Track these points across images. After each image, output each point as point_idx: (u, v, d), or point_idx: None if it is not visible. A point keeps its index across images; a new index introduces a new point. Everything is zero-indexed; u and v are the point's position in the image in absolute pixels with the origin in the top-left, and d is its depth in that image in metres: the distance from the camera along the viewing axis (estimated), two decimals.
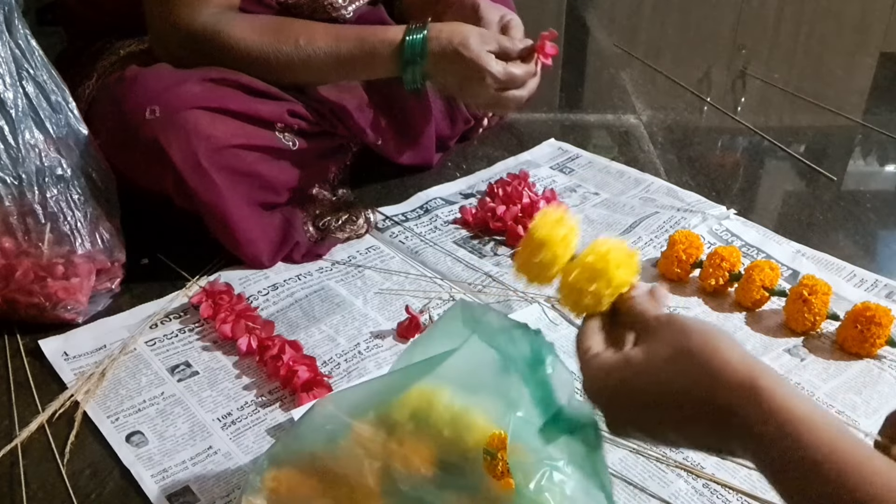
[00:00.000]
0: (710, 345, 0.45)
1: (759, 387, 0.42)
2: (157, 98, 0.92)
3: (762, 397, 0.42)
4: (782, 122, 1.63)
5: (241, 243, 0.99)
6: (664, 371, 0.46)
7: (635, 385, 0.47)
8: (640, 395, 0.47)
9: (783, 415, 0.41)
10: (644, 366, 0.47)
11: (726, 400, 0.43)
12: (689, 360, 0.45)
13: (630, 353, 0.49)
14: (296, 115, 1.02)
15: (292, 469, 0.57)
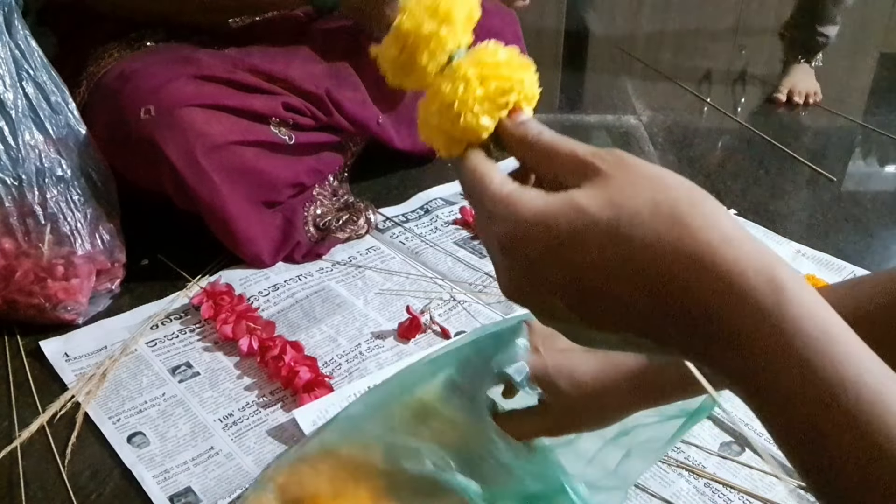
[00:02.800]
0: (700, 208, 0.33)
1: (780, 280, 0.31)
2: (151, 97, 0.92)
3: (783, 295, 0.30)
4: (782, 123, 1.63)
5: (241, 241, 0.99)
6: (639, 229, 0.32)
7: (591, 242, 0.33)
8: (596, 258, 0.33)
9: (809, 327, 0.30)
10: (603, 218, 0.33)
11: (726, 284, 0.31)
12: (676, 223, 0.32)
13: (577, 195, 0.34)
14: (290, 108, 1.01)
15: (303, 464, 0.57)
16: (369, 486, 0.54)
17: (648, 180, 0.34)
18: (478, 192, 0.37)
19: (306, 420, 0.74)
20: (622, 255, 0.32)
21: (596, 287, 0.33)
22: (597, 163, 0.35)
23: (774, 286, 0.31)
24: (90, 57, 1.05)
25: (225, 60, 1.01)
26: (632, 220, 0.32)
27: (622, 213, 0.33)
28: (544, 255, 0.34)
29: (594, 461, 0.60)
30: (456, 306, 0.95)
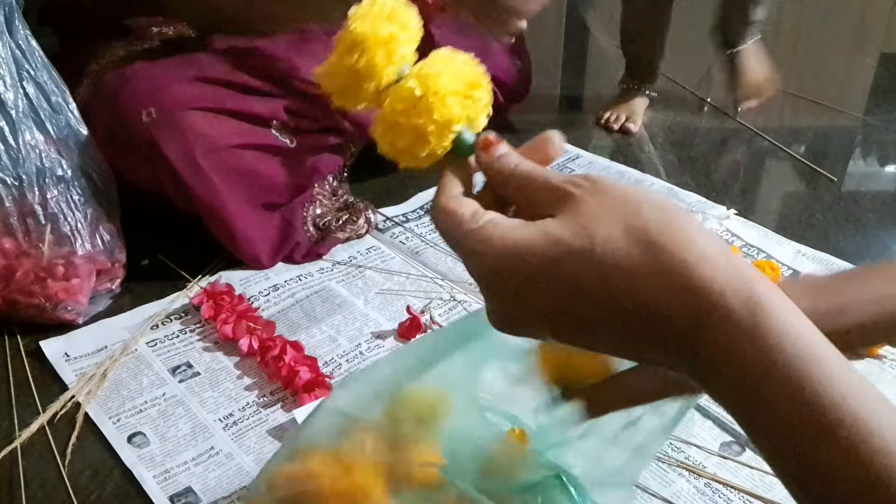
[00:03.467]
0: (674, 225, 0.32)
1: (757, 298, 0.31)
2: (152, 99, 0.92)
3: (762, 315, 0.30)
4: (782, 123, 1.64)
5: (241, 243, 0.99)
6: (610, 257, 0.32)
7: (562, 272, 0.33)
8: (569, 288, 0.33)
9: (789, 346, 0.30)
10: (576, 247, 0.33)
11: (703, 305, 0.31)
12: (648, 247, 0.32)
13: (550, 226, 0.34)
14: (291, 111, 1.01)
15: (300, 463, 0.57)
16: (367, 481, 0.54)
17: (621, 204, 0.34)
18: (451, 231, 0.37)
19: None
20: (599, 281, 0.33)
21: (577, 314, 0.34)
22: (570, 189, 0.35)
23: (752, 305, 0.31)
24: (92, 55, 1.05)
25: (226, 60, 1.01)
26: (605, 246, 0.33)
27: (595, 239, 0.33)
28: (523, 287, 0.34)
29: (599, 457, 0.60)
30: (456, 306, 0.95)
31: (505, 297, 0.36)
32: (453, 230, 0.37)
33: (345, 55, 0.41)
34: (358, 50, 0.40)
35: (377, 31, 0.40)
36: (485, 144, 0.39)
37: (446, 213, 0.37)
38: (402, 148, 0.40)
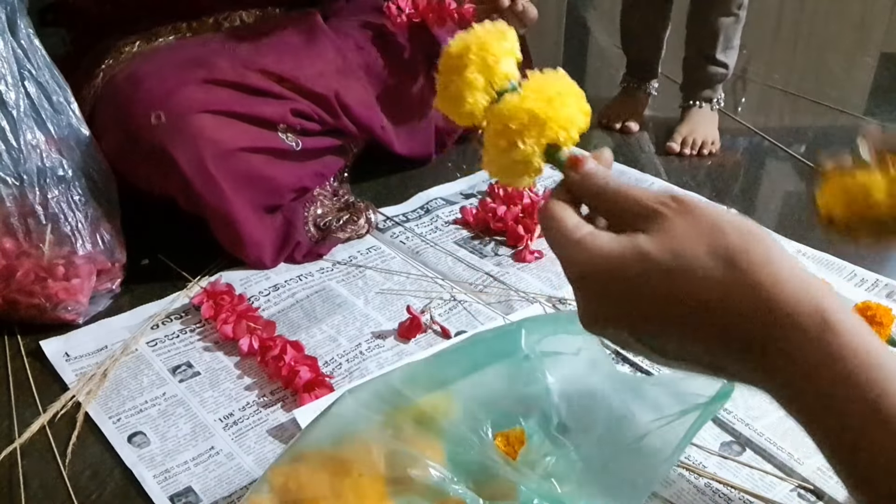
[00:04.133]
0: (755, 250, 0.36)
1: (828, 321, 0.34)
2: (162, 103, 0.92)
3: (830, 336, 0.34)
4: (782, 123, 1.64)
5: (246, 246, 0.99)
6: (696, 274, 0.37)
7: (651, 283, 0.37)
8: (655, 298, 0.38)
9: (858, 357, 0.33)
10: (665, 262, 0.37)
11: (777, 320, 0.35)
12: (729, 267, 0.36)
13: (641, 241, 0.38)
14: (298, 113, 1.02)
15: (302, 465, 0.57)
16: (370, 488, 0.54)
17: (707, 226, 0.38)
18: (554, 236, 0.42)
19: (307, 420, 0.74)
20: (682, 295, 0.37)
21: (659, 322, 0.38)
22: (661, 209, 0.39)
23: (821, 320, 0.35)
24: (105, 53, 1.06)
25: (235, 61, 1.01)
26: (691, 264, 0.37)
27: (682, 258, 0.37)
28: (613, 294, 0.39)
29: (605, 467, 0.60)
30: (456, 306, 0.95)
31: (595, 301, 0.40)
32: (556, 235, 0.41)
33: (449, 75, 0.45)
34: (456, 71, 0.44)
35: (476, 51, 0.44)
36: (572, 162, 0.44)
37: (552, 218, 0.42)
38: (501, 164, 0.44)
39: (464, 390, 0.60)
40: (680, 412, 0.61)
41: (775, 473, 0.72)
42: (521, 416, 0.63)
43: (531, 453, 0.59)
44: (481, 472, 0.55)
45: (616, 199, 0.42)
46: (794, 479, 0.71)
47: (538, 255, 1.05)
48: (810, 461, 0.73)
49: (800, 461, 0.73)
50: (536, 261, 1.04)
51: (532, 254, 1.05)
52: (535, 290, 0.98)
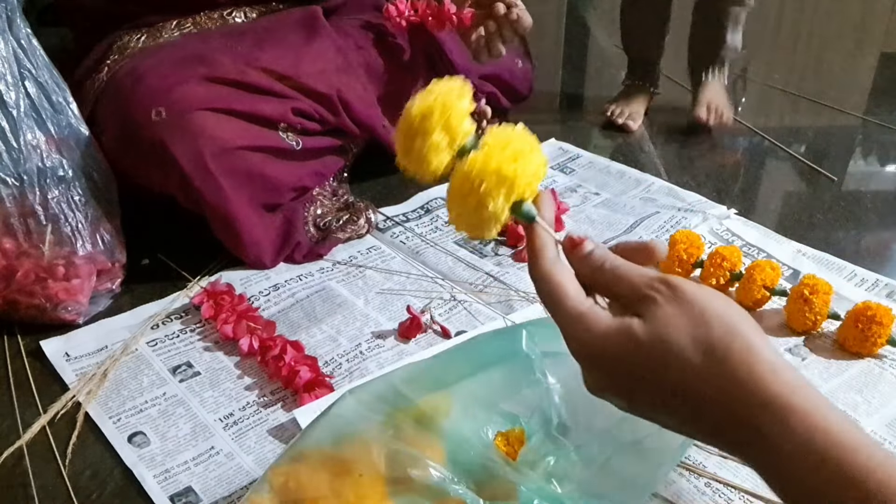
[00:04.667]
0: (736, 343, 0.40)
1: (793, 407, 0.38)
2: (163, 99, 0.92)
3: (794, 419, 0.38)
4: (783, 123, 1.64)
5: (246, 245, 0.99)
6: (677, 362, 0.40)
7: (639, 365, 0.41)
8: (643, 378, 0.42)
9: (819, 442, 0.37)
10: (652, 348, 0.41)
11: (748, 413, 0.39)
12: (708, 357, 0.40)
13: (634, 326, 0.42)
14: (299, 112, 1.02)
15: (302, 465, 0.57)
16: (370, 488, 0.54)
17: (694, 317, 0.41)
18: (555, 302, 0.45)
19: (307, 420, 0.74)
20: (665, 380, 0.41)
21: (648, 400, 0.42)
22: (653, 295, 0.42)
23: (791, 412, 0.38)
24: (110, 48, 1.06)
25: (237, 59, 1.01)
26: (675, 353, 0.40)
27: (667, 344, 0.41)
28: (608, 370, 0.43)
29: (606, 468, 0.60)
30: (456, 306, 0.95)
31: (594, 372, 0.44)
32: (558, 302, 0.44)
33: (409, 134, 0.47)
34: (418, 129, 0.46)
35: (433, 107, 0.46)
36: (571, 245, 0.46)
37: (552, 283, 0.45)
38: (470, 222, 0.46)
39: (464, 390, 0.60)
40: None
41: None
42: (521, 417, 0.63)
43: (531, 453, 0.59)
44: (481, 472, 0.55)
45: (612, 282, 0.45)
46: None
47: None
48: None
49: None
50: None
51: None
52: (534, 289, 0.98)
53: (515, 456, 0.59)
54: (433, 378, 0.60)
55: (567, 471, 0.59)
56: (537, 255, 0.46)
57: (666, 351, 0.41)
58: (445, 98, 0.46)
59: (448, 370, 0.60)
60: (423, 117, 0.46)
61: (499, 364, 0.61)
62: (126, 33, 1.07)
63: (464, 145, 0.46)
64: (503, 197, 0.45)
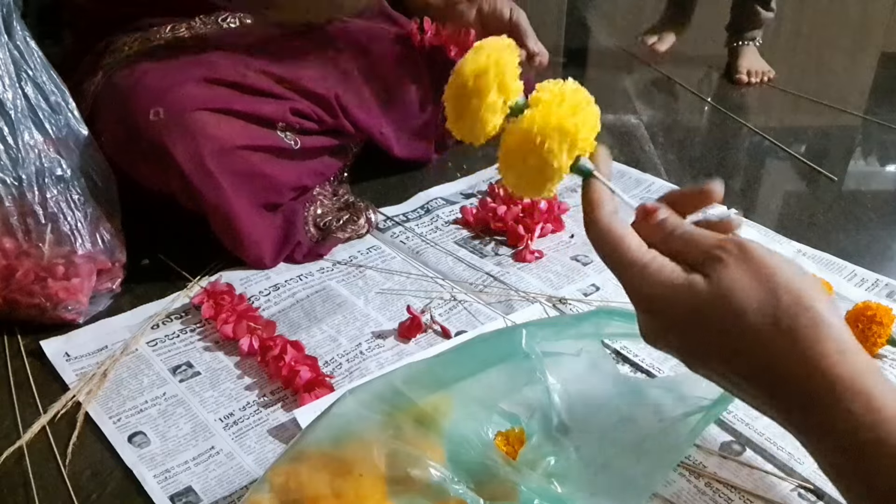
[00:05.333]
0: (803, 317, 0.39)
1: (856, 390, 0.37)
2: (161, 99, 0.92)
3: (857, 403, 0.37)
4: (783, 123, 1.63)
5: (246, 245, 0.99)
6: (738, 324, 0.40)
7: (699, 322, 0.41)
8: (702, 335, 0.42)
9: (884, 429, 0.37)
10: (714, 307, 0.41)
11: (807, 389, 0.38)
12: (773, 326, 0.39)
13: (698, 284, 0.42)
14: (297, 113, 1.02)
15: (302, 465, 0.57)
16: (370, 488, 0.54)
17: (762, 282, 0.40)
18: (615, 253, 0.45)
19: (307, 420, 0.74)
20: (726, 341, 0.41)
21: (702, 356, 0.43)
22: (721, 255, 0.42)
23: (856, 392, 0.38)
24: (105, 51, 1.06)
25: (237, 61, 1.01)
26: (736, 317, 0.40)
27: (731, 308, 0.40)
28: (667, 321, 0.43)
29: (606, 468, 0.60)
30: (457, 306, 0.95)
31: (651, 322, 0.44)
32: (621, 253, 0.44)
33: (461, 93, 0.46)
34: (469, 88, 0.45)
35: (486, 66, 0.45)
36: (645, 213, 0.47)
37: (612, 235, 0.45)
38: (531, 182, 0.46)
39: (464, 390, 0.60)
40: (682, 414, 0.61)
41: (775, 473, 0.72)
42: (521, 417, 0.63)
43: (531, 453, 0.59)
44: (482, 472, 0.55)
45: (683, 247, 0.44)
46: (794, 479, 0.71)
47: (538, 254, 1.05)
48: (810, 461, 0.72)
49: (800, 461, 0.73)
50: (537, 261, 1.04)
51: (532, 254, 1.05)
52: (535, 289, 0.98)
53: (515, 456, 0.59)
54: (433, 378, 0.59)
55: (567, 471, 0.59)
56: (596, 208, 0.46)
57: (728, 312, 0.40)
58: (498, 56, 0.45)
59: (448, 370, 0.60)
60: (476, 76, 0.45)
61: (499, 364, 0.61)
62: (121, 36, 1.07)
63: (516, 103, 0.46)
64: (566, 153, 0.44)
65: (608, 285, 0.99)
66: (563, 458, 0.59)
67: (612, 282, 0.99)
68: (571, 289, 0.98)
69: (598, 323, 0.64)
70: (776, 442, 0.75)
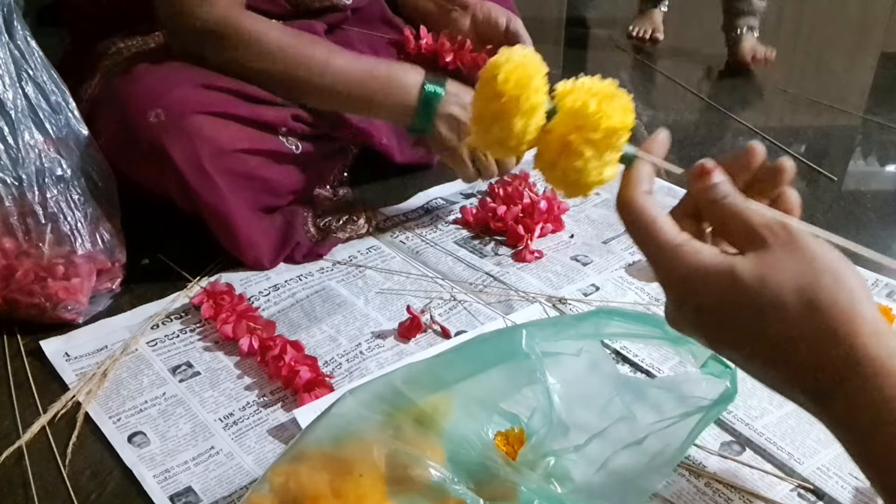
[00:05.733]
0: (842, 298, 0.39)
1: (888, 371, 0.37)
2: (161, 101, 0.92)
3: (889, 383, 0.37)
4: (782, 122, 1.64)
5: (244, 246, 0.99)
6: (775, 304, 0.39)
7: (733, 303, 0.40)
8: (734, 316, 0.41)
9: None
10: (750, 288, 0.40)
11: (839, 368, 0.38)
12: (810, 309, 0.38)
13: (737, 264, 0.41)
14: (299, 119, 1.02)
15: (302, 465, 0.57)
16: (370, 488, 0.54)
17: (803, 265, 0.40)
18: (646, 234, 0.44)
19: (307, 420, 0.74)
20: (758, 324, 0.40)
21: (728, 338, 0.42)
22: (766, 235, 0.41)
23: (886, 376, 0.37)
24: (105, 52, 1.05)
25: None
26: (773, 300, 0.39)
27: (767, 291, 0.39)
28: (698, 305, 0.42)
29: (606, 468, 0.60)
30: (456, 306, 0.95)
31: (682, 307, 0.43)
32: (654, 232, 0.43)
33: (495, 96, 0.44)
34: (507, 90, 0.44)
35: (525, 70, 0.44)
36: (701, 172, 0.45)
37: (645, 215, 0.44)
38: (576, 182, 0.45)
39: (464, 391, 0.60)
40: (682, 414, 0.61)
41: (775, 473, 0.72)
42: (521, 417, 0.63)
43: (531, 453, 0.59)
44: (481, 472, 0.55)
45: (728, 216, 0.43)
46: (794, 479, 0.71)
47: (538, 254, 1.05)
48: (810, 461, 0.73)
49: (800, 461, 0.73)
50: (536, 260, 1.04)
51: (532, 254, 1.05)
52: (535, 289, 0.98)
53: (515, 456, 0.59)
54: (433, 378, 0.59)
55: (567, 471, 0.59)
56: (634, 185, 0.45)
57: (766, 293, 0.39)
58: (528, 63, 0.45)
59: (448, 370, 0.60)
60: (515, 86, 0.44)
61: (499, 364, 0.61)
62: (122, 38, 1.06)
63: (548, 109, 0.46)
64: (613, 150, 0.44)
65: (608, 285, 0.99)
66: (563, 458, 0.59)
67: (611, 282, 1.00)
68: (571, 289, 0.98)
69: (597, 323, 0.64)
70: (776, 442, 0.75)
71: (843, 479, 0.71)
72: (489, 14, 1.13)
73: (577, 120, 0.43)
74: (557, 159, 0.45)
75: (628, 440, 0.60)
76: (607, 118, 0.43)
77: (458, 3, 1.16)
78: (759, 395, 0.80)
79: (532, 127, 0.45)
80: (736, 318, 0.40)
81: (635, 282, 1.00)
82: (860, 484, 0.70)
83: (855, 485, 0.70)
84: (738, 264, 0.41)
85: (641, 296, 0.97)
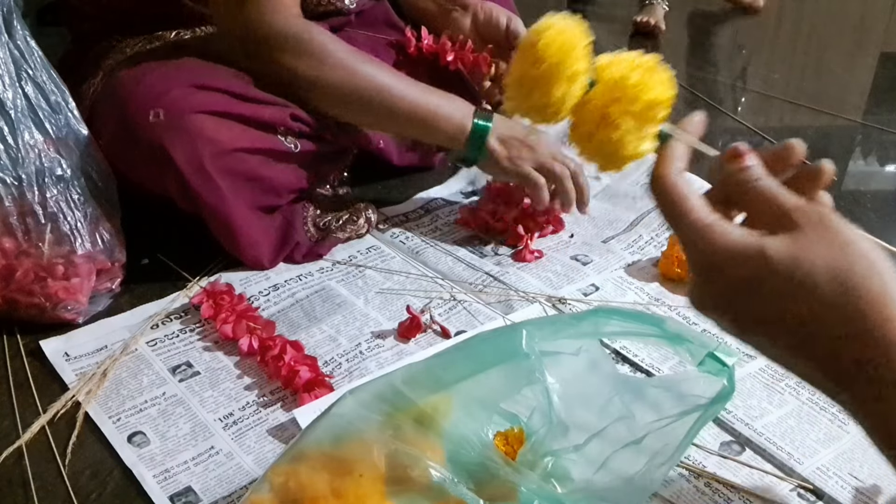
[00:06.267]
0: (875, 282, 0.38)
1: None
2: (161, 101, 0.92)
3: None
4: (782, 122, 1.64)
5: (243, 246, 0.99)
6: (806, 285, 0.39)
7: (762, 284, 0.40)
8: (762, 298, 0.40)
9: None
10: (781, 269, 0.39)
11: (866, 351, 0.38)
12: (843, 290, 0.38)
13: (768, 244, 0.40)
14: (298, 118, 1.02)
15: (302, 465, 0.57)
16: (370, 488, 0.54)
17: (836, 246, 0.39)
18: (676, 212, 0.43)
19: (307, 420, 0.74)
20: (789, 303, 0.39)
21: (753, 321, 0.41)
22: (797, 217, 0.41)
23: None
24: (106, 52, 1.05)
25: (238, 73, 1.00)
26: (804, 281, 0.39)
27: (799, 272, 0.39)
28: (725, 286, 0.41)
29: (605, 467, 0.60)
30: (456, 306, 0.95)
31: (708, 287, 0.42)
32: (684, 211, 0.43)
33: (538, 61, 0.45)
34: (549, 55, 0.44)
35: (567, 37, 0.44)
36: (735, 154, 0.45)
37: (676, 192, 0.43)
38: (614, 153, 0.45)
39: (464, 390, 0.60)
40: (680, 413, 0.61)
41: (775, 473, 0.72)
42: (521, 417, 0.63)
43: (531, 453, 0.59)
44: (481, 472, 0.55)
45: (758, 198, 0.43)
46: (794, 479, 0.71)
47: (538, 254, 1.05)
48: (810, 461, 0.73)
49: (800, 461, 0.73)
50: (536, 260, 1.04)
51: (532, 253, 1.05)
52: (534, 289, 0.98)
53: (515, 456, 0.59)
54: (433, 378, 0.59)
55: (567, 471, 0.59)
56: (668, 163, 0.45)
57: (797, 273, 0.39)
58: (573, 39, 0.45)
59: (448, 370, 0.60)
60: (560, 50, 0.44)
61: (498, 364, 0.61)
62: (123, 38, 1.06)
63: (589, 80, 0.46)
64: (650, 123, 0.44)
65: (608, 285, 0.99)
66: (563, 457, 0.59)
67: (611, 282, 1.00)
68: (571, 289, 0.98)
69: (597, 322, 0.64)
70: (776, 442, 0.75)
71: (842, 479, 0.71)
72: (490, 14, 1.13)
73: (616, 91, 0.43)
74: (594, 130, 0.44)
75: (627, 439, 0.60)
76: (648, 90, 0.43)
77: (459, 3, 1.16)
78: (759, 395, 0.80)
79: (572, 94, 0.44)
80: (765, 296, 0.40)
81: (635, 281, 1.00)
82: (860, 484, 0.70)
83: (855, 485, 0.70)
84: (770, 244, 0.40)
85: (641, 296, 0.97)
